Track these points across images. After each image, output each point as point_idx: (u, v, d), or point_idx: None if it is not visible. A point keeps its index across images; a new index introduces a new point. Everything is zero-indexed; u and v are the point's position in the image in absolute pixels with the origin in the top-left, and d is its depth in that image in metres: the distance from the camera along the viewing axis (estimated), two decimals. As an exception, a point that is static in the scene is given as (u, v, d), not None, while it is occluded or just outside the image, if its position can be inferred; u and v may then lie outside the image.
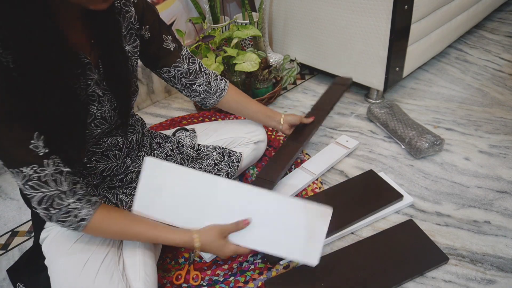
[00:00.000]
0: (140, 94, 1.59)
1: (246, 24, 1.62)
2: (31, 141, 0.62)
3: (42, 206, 0.67)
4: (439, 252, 0.90)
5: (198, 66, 0.97)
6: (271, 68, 1.53)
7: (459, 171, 1.15)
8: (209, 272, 0.92)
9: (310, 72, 1.81)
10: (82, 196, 0.71)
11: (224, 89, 1.02)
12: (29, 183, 0.64)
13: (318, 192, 1.10)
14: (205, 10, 1.59)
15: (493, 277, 0.86)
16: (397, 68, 1.41)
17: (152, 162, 0.80)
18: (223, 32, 1.52)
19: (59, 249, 0.78)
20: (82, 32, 0.69)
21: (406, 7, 1.26)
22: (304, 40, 1.62)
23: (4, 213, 1.17)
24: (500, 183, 1.10)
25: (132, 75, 0.82)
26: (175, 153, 1.05)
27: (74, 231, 0.72)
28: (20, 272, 0.88)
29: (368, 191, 1.06)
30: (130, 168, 0.90)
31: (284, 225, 0.79)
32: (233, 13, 1.84)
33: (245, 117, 1.13)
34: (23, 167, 0.63)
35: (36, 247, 0.85)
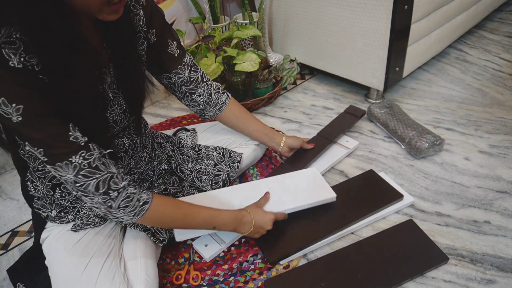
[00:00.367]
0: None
1: (246, 24, 1.62)
2: (70, 133, 0.64)
3: (100, 191, 0.68)
4: (439, 252, 0.90)
5: (200, 75, 0.96)
6: (271, 68, 1.53)
7: (459, 171, 1.15)
8: (209, 272, 0.92)
9: (310, 72, 1.81)
10: (133, 181, 0.73)
11: (225, 102, 1.01)
12: (81, 172, 0.65)
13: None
14: (205, 10, 1.59)
15: (493, 277, 0.86)
16: (397, 68, 1.41)
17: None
18: (223, 32, 1.52)
19: (60, 250, 0.79)
20: (96, 36, 0.70)
21: (406, 7, 1.26)
22: (304, 40, 1.62)
23: (4, 213, 1.17)
24: (500, 183, 1.10)
25: (143, 78, 0.82)
26: (176, 153, 1.05)
27: (133, 218, 0.72)
28: (20, 272, 0.88)
29: (368, 191, 1.06)
30: (133, 170, 0.90)
31: (294, 188, 1.01)
32: (233, 13, 1.84)
33: (244, 134, 1.11)
34: (72, 157, 0.64)
35: (36, 247, 0.85)
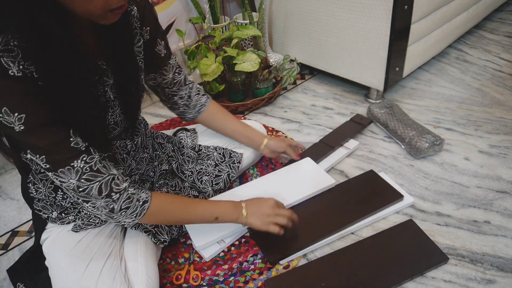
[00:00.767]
0: (140, 94, 1.59)
1: (246, 24, 1.62)
2: (71, 139, 0.64)
3: (103, 193, 0.68)
4: (439, 252, 0.90)
5: (183, 78, 0.95)
6: (271, 68, 1.53)
7: (459, 171, 1.15)
8: (209, 272, 0.92)
9: (310, 72, 1.81)
10: (134, 182, 0.74)
11: (204, 104, 1.01)
12: (83, 176, 0.66)
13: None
14: (205, 10, 1.59)
15: (493, 277, 0.86)
16: (397, 68, 1.41)
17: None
18: (223, 32, 1.52)
19: (61, 251, 0.79)
20: (96, 38, 0.70)
21: (406, 7, 1.26)
22: (304, 40, 1.62)
23: (4, 213, 1.17)
24: (500, 183, 1.10)
25: (140, 77, 0.82)
26: (177, 153, 1.05)
27: (135, 219, 0.74)
28: (20, 272, 0.88)
29: (368, 191, 1.06)
30: (134, 171, 0.90)
31: (293, 181, 1.06)
32: (233, 13, 1.84)
33: (225, 135, 1.09)
34: (73, 162, 0.64)
35: (36, 247, 0.85)
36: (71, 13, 0.57)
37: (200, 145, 1.09)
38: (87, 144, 0.66)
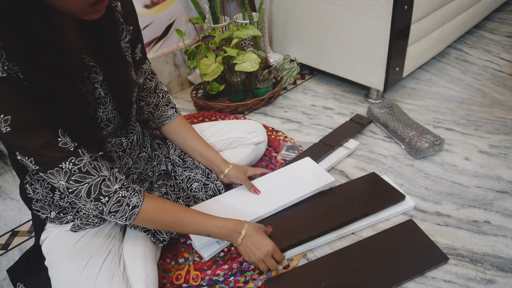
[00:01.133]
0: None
1: (246, 24, 1.62)
2: (59, 139, 0.63)
3: (92, 197, 0.68)
4: (439, 252, 0.90)
5: (154, 85, 0.93)
6: (271, 68, 1.53)
7: (459, 171, 1.15)
8: (209, 272, 0.92)
9: (310, 72, 1.81)
10: (127, 183, 0.73)
11: (169, 117, 0.98)
12: (72, 178, 0.65)
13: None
14: (205, 10, 1.59)
15: (493, 277, 0.86)
16: (397, 68, 1.41)
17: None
18: (223, 32, 1.52)
19: (60, 250, 0.79)
20: (82, 34, 0.69)
21: (406, 7, 1.26)
22: (304, 40, 1.62)
23: (4, 213, 1.17)
24: (500, 183, 1.10)
25: (131, 73, 0.80)
26: (172, 156, 1.04)
27: (125, 223, 0.73)
28: (20, 272, 0.88)
29: (369, 192, 1.06)
30: (132, 170, 0.90)
31: (294, 179, 1.07)
32: (233, 13, 1.84)
33: (185, 152, 1.05)
34: (62, 163, 0.64)
35: (36, 247, 0.85)
36: (54, 10, 0.56)
37: (185, 154, 1.06)
38: (76, 144, 0.65)
